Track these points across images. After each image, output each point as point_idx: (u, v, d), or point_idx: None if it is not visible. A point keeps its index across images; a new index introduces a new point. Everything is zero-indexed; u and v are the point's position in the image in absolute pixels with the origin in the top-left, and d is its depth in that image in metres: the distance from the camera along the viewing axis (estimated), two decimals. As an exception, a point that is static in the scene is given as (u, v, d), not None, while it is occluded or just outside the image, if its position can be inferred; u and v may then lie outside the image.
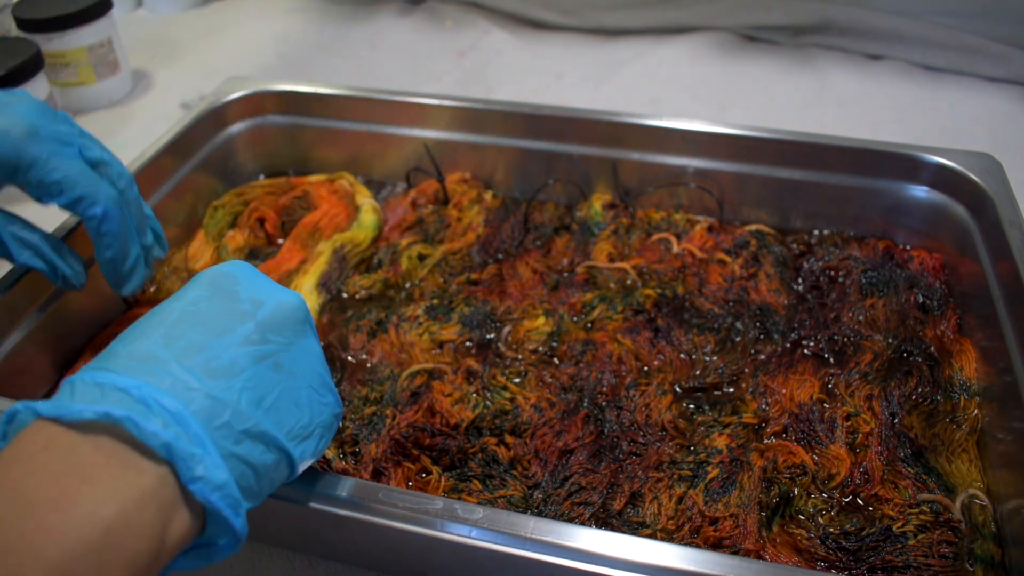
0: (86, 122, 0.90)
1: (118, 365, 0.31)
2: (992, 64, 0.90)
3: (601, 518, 0.47)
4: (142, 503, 0.28)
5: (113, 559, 0.27)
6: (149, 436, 0.29)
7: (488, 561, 0.40)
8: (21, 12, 0.85)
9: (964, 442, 0.50)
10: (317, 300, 0.61)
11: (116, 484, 0.28)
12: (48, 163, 0.46)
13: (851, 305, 0.60)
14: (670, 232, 0.68)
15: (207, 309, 0.35)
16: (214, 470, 0.30)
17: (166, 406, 0.30)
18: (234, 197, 0.71)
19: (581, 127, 0.69)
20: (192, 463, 0.29)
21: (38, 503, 0.26)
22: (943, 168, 0.62)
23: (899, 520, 0.46)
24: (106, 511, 0.27)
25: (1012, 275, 0.52)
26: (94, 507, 0.27)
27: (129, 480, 0.28)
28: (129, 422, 0.28)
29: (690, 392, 0.55)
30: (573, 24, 1.06)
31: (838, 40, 0.97)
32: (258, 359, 0.34)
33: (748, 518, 0.45)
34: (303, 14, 1.14)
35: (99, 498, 0.27)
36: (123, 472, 0.28)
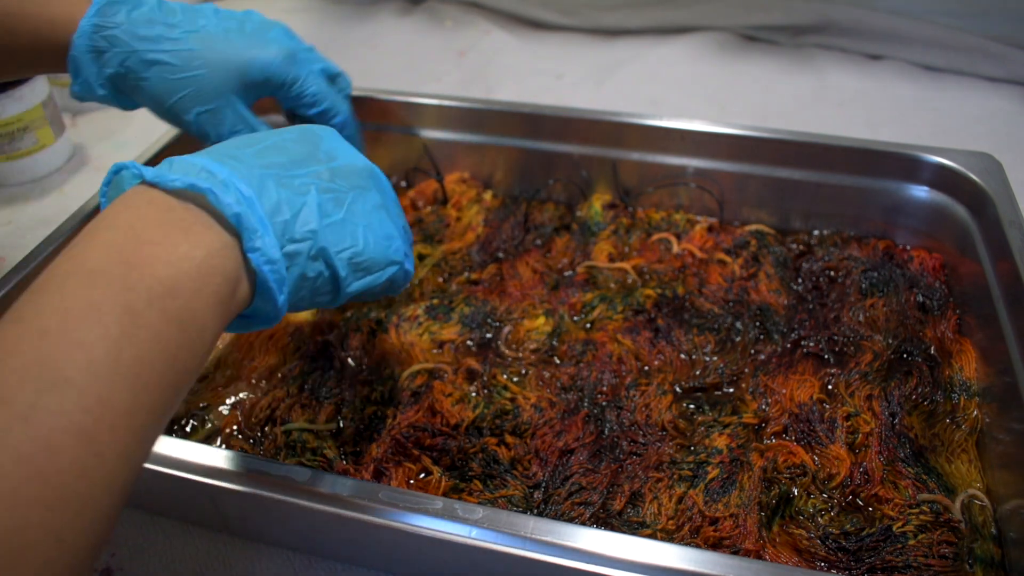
0: (86, 122, 0.91)
1: (211, 155, 0.38)
2: (992, 64, 0.90)
3: (601, 518, 0.47)
4: (222, 255, 0.35)
5: (204, 289, 0.33)
6: (225, 206, 0.35)
7: (488, 561, 0.40)
8: (21, 12, 0.85)
9: (964, 442, 0.50)
10: None
11: (203, 237, 0.34)
12: (306, 81, 0.58)
13: (851, 305, 0.60)
14: (670, 232, 0.68)
15: (292, 146, 0.41)
16: (271, 246, 0.36)
17: (241, 189, 0.36)
18: None
19: (581, 127, 0.69)
20: (254, 236, 0.35)
21: (147, 240, 0.33)
22: (943, 168, 0.62)
23: (899, 520, 0.46)
24: (197, 252, 0.34)
25: (1012, 275, 0.52)
26: (189, 249, 0.33)
27: (212, 236, 0.35)
28: (211, 193, 0.35)
29: (690, 392, 0.55)
30: (573, 24, 1.06)
31: (838, 40, 0.97)
32: (323, 191, 0.40)
33: (748, 518, 0.45)
34: (303, 14, 1.14)
35: (192, 243, 0.34)
36: (207, 229, 0.35)
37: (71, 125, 0.90)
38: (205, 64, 0.53)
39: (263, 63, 0.55)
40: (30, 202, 0.78)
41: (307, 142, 0.43)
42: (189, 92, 0.54)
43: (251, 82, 0.55)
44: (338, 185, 0.41)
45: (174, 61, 0.53)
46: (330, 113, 0.60)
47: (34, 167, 0.80)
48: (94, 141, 0.87)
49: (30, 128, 0.78)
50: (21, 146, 0.79)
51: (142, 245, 0.33)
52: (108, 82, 0.53)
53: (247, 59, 0.54)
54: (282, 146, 0.41)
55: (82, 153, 0.85)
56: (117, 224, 0.34)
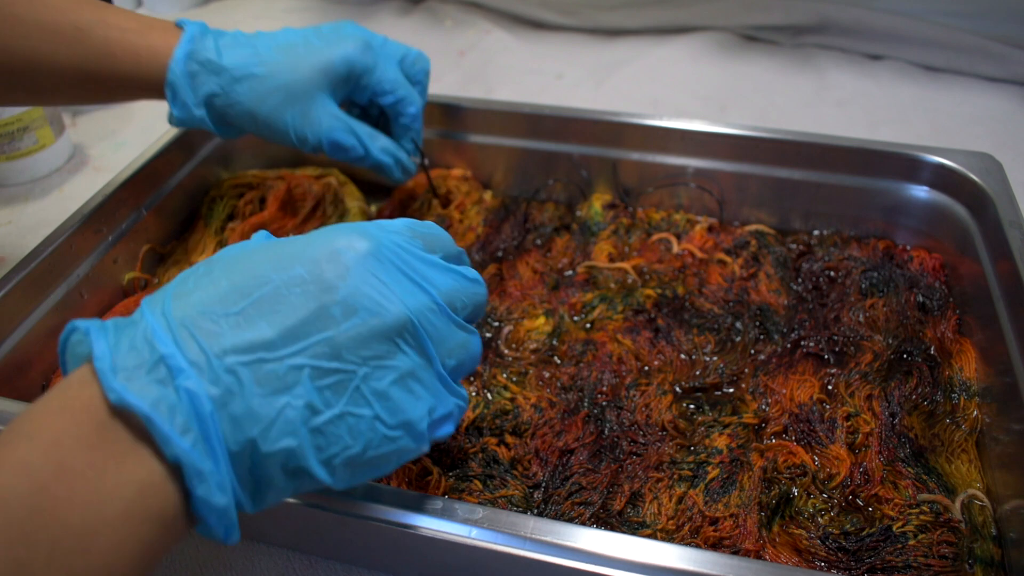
0: (86, 122, 0.91)
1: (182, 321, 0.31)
2: (992, 64, 0.90)
3: (601, 518, 0.47)
4: (160, 492, 0.29)
5: (127, 540, 0.28)
6: (165, 443, 0.29)
7: (488, 561, 0.40)
8: (21, 12, 0.85)
9: (964, 442, 0.50)
10: None
11: (139, 467, 0.29)
12: (383, 69, 0.58)
13: (851, 305, 0.60)
14: (670, 232, 0.68)
15: (296, 299, 0.32)
16: (217, 493, 0.29)
17: (196, 404, 0.29)
18: (229, 188, 0.71)
19: (581, 127, 0.69)
20: (197, 481, 0.29)
21: (69, 467, 0.27)
22: (943, 168, 0.62)
23: (899, 520, 0.46)
24: (127, 491, 0.28)
25: (1012, 275, 0.52)
26: (117, 484, 0.28)
27: (151, 467, 0.29)
28: (150, 423, 0.29)
29: (690, 392, 0.55)
30: (573, 24, 1.06)
31: (838, 40, 0.97)
32: (320, 375, 0.32)
33: (748, 518, 0.45)
34: (303, 14, 1.14)
35: (124, 476, 0.28)
36: (146, 458, 0.29)
37: (71, 125, 0.90)
38: (290, 69, 0.55)
39: (343, 55, 0.56)
40: (30, 202, 0.78)
41: (318, 287, 0.33)
42: (279, 99, 0.55)
43: (336, 77, 0.56)
44: (346, 362, 0.32)
45: (261, 72, 0.55)
46: (404, 103, 0.60)
47: (34, 167, 0.80)
48: (94, 141, 0.87)
49: (30, 128, 0.78)
50: (21, 146, 0.78)
51: (61, 475, 0.27)
52: (204, 103, 0.55)
53: (328, 56, 0.56)
54: (277, 299, 0.32)
55: (82, 153, 0.85)
56: (42, 433, 0.28)
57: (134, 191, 0.63)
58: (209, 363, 0.30)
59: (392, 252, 0.35)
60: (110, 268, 0.61)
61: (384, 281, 0.34)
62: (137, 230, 0.63)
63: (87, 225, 0.58)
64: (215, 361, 0.30)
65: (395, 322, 0.33)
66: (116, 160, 0.83)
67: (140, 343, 0.30)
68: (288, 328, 0.31)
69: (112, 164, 0.83)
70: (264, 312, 0.32)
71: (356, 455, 0.33)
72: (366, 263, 0.34)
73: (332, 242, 0.34)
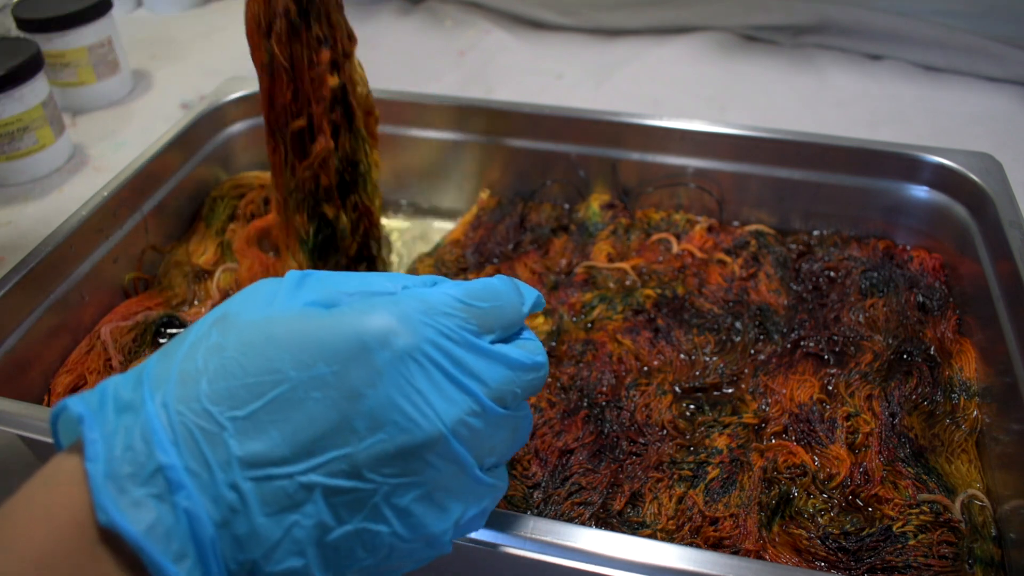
0: (86, 122, 0.91)
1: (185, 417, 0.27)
2: (992, 64, 0.90)
3: (601, 518, 0.47)
4: None
5: None
6: (156, 571, 0.26)
7: (488, 561, 0.40)
8: (21, 12, 0.85)
9: (964, 442, 0.50)
10: None
11: None
12: None
13: (851, 305, 0.60)
14: (670, 232, 0.68)
15: (313, 408, 0.28)
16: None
17: (196, 527, 0.26)
18: (231, 189, 0.71)
19: (581, 127, 0.69)
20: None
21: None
22: (943, 168, 0.62)
23: (899, 520, 0.46)
24: None
25: (1012, 275, 0.52)
26: None
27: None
28: (141, 552, 0.25)
29: (690, 392, 0.55)
30: (573, 24, 1.06)
31: (838, 40, 0.97)
32: (334, 493, 0.28)
33: (748, 518, 0.45)
34: (303, 14, 1.14)
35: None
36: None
37: (71, 125, 0.90)
38: None
39: None
40: (30, 202, 0.78)
41: (345, 392, 0.28)
42: None
43: None
44: (365, 481, 0.28)
45: None
46: None
47: (34, 167, 0.80)
48: (94, 141, 0.87)
49: (30, 128, 0.78)
50: (21, 146, 0.78)
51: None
52: None
53: None
54: (296, 403, 0.28)
55: (82, 153, 0.85)
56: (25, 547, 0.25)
57: (134, 191, 0.63)
58: (212, 477, 0.27)
59: (435, 346, 0.29)
60: (110, 268, 0.61)
61: (420, 389, 0.29)
62: (137, 230, 0.63)
63: (87, 225, 0.58)
64: (219, 474, 0.27)
65: (426, 439, 0.29)
66: (116, 160, 0.83)
67: (138, 444, 0.26)
68: (303, 441, 0.27)
69: (112, 164, 0.83)
70: (277, 419, 0.27)
71: (368, 567, 0.29)
72: (401, 367, 0.28)
73: (364, 332, 0.28)
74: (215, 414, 0.27)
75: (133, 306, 0.60)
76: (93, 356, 0.55)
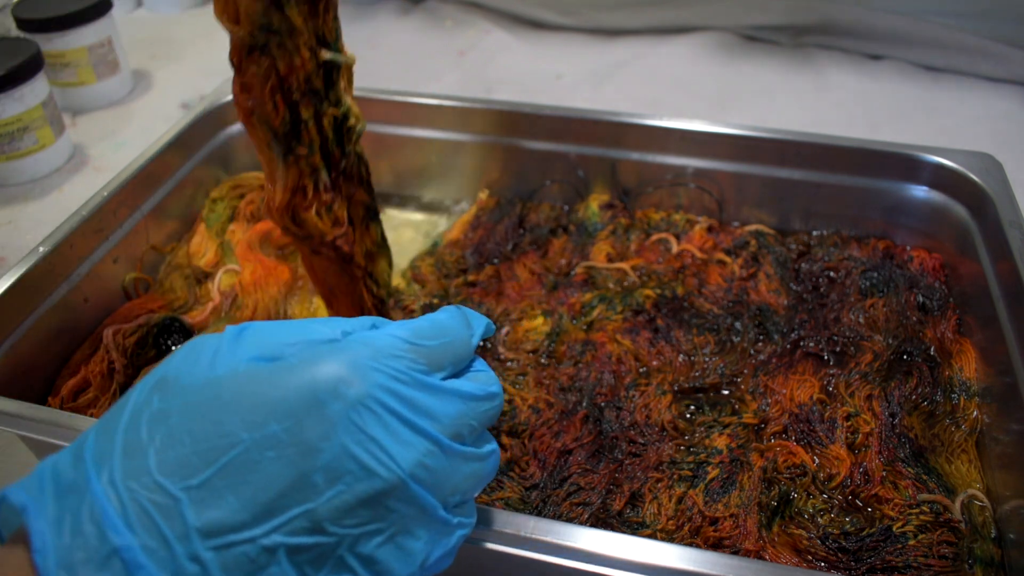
0: (86, 122, 0.91)
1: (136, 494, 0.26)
2: (992, 64, 0.90)
3: (601, 518, 0.47)
4: None
5: None
6: None
7: (488, 561, 0.40)
8: (21, 12, 0.85)
9: (964, 443, 0.50)
10: None
11: None
12: None
13: (851, 305, 0.60)
14: (669, 232, 0.67)
15: (269, 468, 0.27)
16: None
17: None
18: (230, 190, 0.71)
19: (580, 127, 0.69)
20: None
21: None
22: (943, 168, 0.62)
23: (899, 520, 0.46)
24: None
25: (1012, 275, 0.52)
26: None
27: None
28: None
29: (690, 392, 0.55)
30: (573, 24, 1.06)
31: (838, 40, 0.97)
32: (295, 553, 0.27)
33: (748, 518, 0.45)
34: (303, 14, 1.14)
35: None
36: None
37: (71, 125, 0.90)
38: None
39: None
40: (30, 202, 0.78)
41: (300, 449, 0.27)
42: None
43: None
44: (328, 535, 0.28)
45: None
46: None
47: (34, 167, 0.80)
48: (94, 141, 0.87)
49: (30, 128, 0.78)
50: (21, 146, 0.78)
51: None
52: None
53: None
54: (249, 466, 0.27)
55: (82, 153, 0.85)
56: None
57: (134, 191, 0.63)
58: (171, 552, 0.25)
59: (386, 391, 0.29)
60: (110, 268, 0.61)
61: (374, 437, 0.28)
62: (137, 230, 0.63)
63: (87, 225, 0.58)
64: (178, 548, 0.26)
65: (385, 487, 0.28)
66: (116, 160, 0.83)
67: (87, 528, 0.25)
68: (261, 503, 0.27)
69: (112, 164, 0.83)
70: (232, 483, 0.26)
71: None
72: (354, 416, 0.28)
73: (314, 384, 0.28)
74: (167, 486, 0.26)
75: (135, 308, 0.60)
76: (95, 359, 0.55)
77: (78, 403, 0.53)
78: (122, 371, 0.55)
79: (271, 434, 0.27)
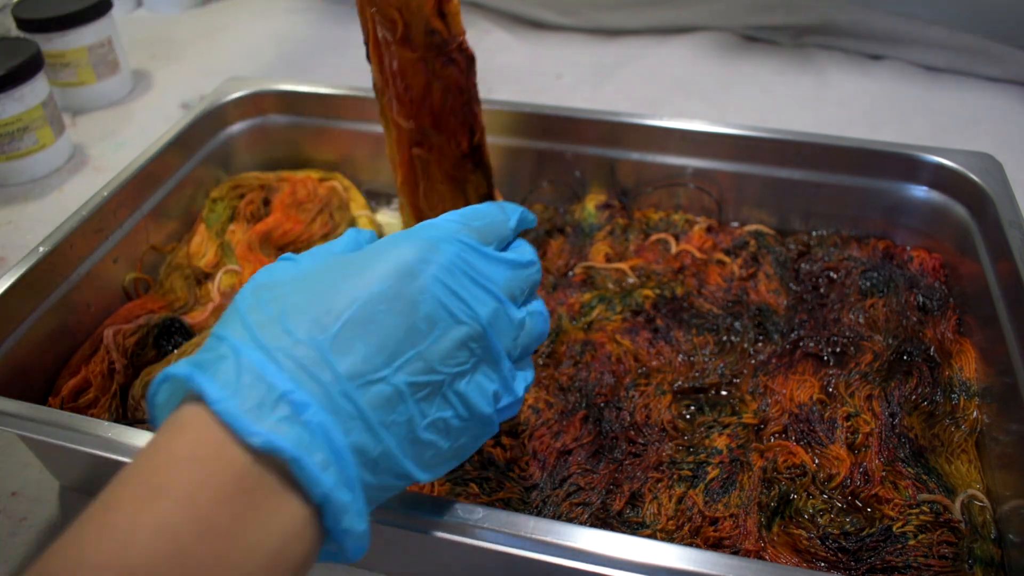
0: (86, 122, 0.91)
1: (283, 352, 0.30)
2: (992, 64, 0.90)
3: (600, 518, 0.47)
4: (300, 537, 0.28)
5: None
6: (312, 484, 0.28)
7: (488, 561, 0.40)
8: (21, 12, 0.85)
9: (964, 443, 0.50)
10: None
11: (279, 515, 0.28)
12: None
13: (851, 306, 0.60)
14: (669, 233, 0.67)
15: (384, 319, 0.32)
16: (358, 520, 0.30)
17: (330, 437, 0.29)
18: (230, 190, 0.71)
19: (580, 127, 0.69)
20: (341, 515, 0.29)
21: (209, 526, 0.26)
22: (943, 168, 0.62)
23: (899, 520, 0.46)
24: (270, 541, 0.27)
25: (1012, 275, 0.52)
26: (260, 537, 0.27)
27: (290, 512, 0.28)
28: (295, 464, 0.28)
29: (690, 392, 0.55)
30: (573, 24, 1.06)
31: (838, 40, 0.97)
32: (416, 391, 0.32)
33: (748, 518, 0.45)
34: (303, 14, 1.14)
35: (265, 528, 0.27)
36: (284, 503, 0.28)
37: (71, 125, 0.90)
38: None
39: None
40: (30, 202, 0.78)
41: (403, 303, 0.33)
42: None
43: None
44: (436, 373, 0.33)
45: None
46: None
47: (34, 167, 0.80)
48: (94, 141, 0.87)
49: (30, 128, 0.78)
50: (21, 146, 0.79)
51: (205, 534, 0.26)
52: None
53: None
54: (368, 321, 0.32)
55: (82, 153, 0.85)
56: (175, 488, 0.26)
57: (134, 191, 0.63)
58: (328, 393, 0.30)
59: (458, 258, 0.35)
60: (110, 268, 0.61)
61: (455, 291, 0.34)
62: (137, 230, 0.63)
63: (87, 225, 0.58)
64: (332, 388, 0.30)
65: (470, 332, 0.34)
66: (116, 160, 0.83)
67: (254, 383, 0.29)
68: (385, 348, 0.32)
69: (112, 164, 0.83)
70: (358, 333, 0.31)
71: (445, 451, 0.35)
72: (440, 276, 0.34)
73: (404, 257, 0.34)
74: (308, 341, 0.30)
75: (135, 309, 0.60)
76: (96, 359, 0.55)
77: (78, 403, 0.53)
78: (122, 371, 0.55)
79: (379, 292, 0.32)
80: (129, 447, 0.42)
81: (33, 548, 0.49)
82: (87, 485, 0.52)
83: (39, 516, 0.51)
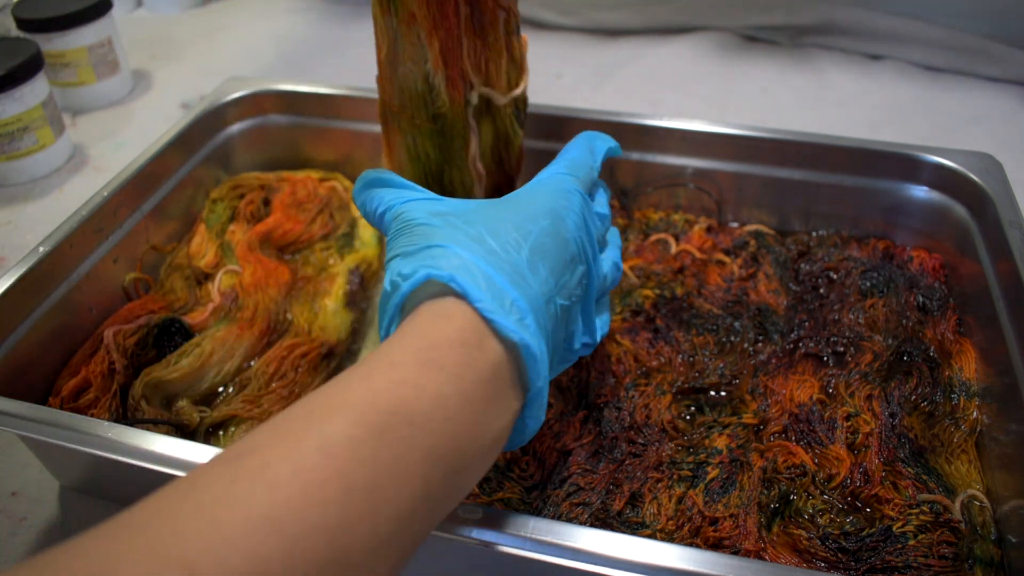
0: (86, 122, 0.91)
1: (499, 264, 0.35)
2: (992, 64, 0.90)
3: (600, 518, 0.47)
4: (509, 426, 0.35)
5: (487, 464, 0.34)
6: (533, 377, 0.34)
7: (488, 561, 0.40)
8: (21, 12, 0.85)
9: (964, 443, 0.50)
10: (347, 317, 0.62)
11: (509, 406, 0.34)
12: None
13: (851, 306, 0.60)
14: (668, 233, 0.67)
15: (551, 250, 0.38)
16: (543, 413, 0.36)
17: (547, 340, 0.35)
18: (230, 190, 0.71)
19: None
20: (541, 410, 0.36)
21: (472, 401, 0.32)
22: (943, 168, 0.62)
23: (899, 520, 0.46)
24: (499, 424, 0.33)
25: (1012, 275, 0.52)
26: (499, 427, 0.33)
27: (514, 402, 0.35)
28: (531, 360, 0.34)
29: (690, 392, 0.55)
30: (573, 24, 1.06)
31: (838, 40, 0.97)
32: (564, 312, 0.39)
33: (748, 518, 0.45)
34: (303, 14, 1.14)
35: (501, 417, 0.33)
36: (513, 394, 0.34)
37: (71, 125, 0.90)
38: None
39: None
40: (30, 202, 0.78)
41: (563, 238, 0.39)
42: None
43: None
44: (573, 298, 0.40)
45: None
46: None
47: (34, 167, 0.80)
48: (94, 141, 0.87)
49: (30, 128, 0.78)
50: (21, 146, 0.79)
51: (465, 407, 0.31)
52: None
53: None
54: (542, 248, 0.38)
55: (82, 153, 0.85)
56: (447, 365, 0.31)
57: (134, 191, 0.63)
58: (535, 303, 0.35)
59: (583, 207, 0.42)
60: (110, 268, 0.61)
61: (584, 235, 0.41)
62: (137, 230, 0.63)
63: (87, 225, 0.58)
64: (539, 301, 0.36)
65: (584, 271, 0.41)
66: (116, 160, 0.83)
67: (489, 285, 0.34)
68: (555, 272, 0.38)
69: (112, 164, 0.83)
70: (539, 258, 0.37)
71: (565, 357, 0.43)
72: (577, 221, 0.41)
73: (553, 203, 0.40)
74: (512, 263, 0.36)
75: (135, 309, 0.60)
76: (96, 359, 0.55)
77: (79, 403, 0.53)
78: (122, 371, 0.55)
79: (544, 228, 0.38)
80: (129, 447, 0.42)
81: (33, 548, 0.49)
82: (87, 485, 0.52)
83: (39, 516, 0.51)
